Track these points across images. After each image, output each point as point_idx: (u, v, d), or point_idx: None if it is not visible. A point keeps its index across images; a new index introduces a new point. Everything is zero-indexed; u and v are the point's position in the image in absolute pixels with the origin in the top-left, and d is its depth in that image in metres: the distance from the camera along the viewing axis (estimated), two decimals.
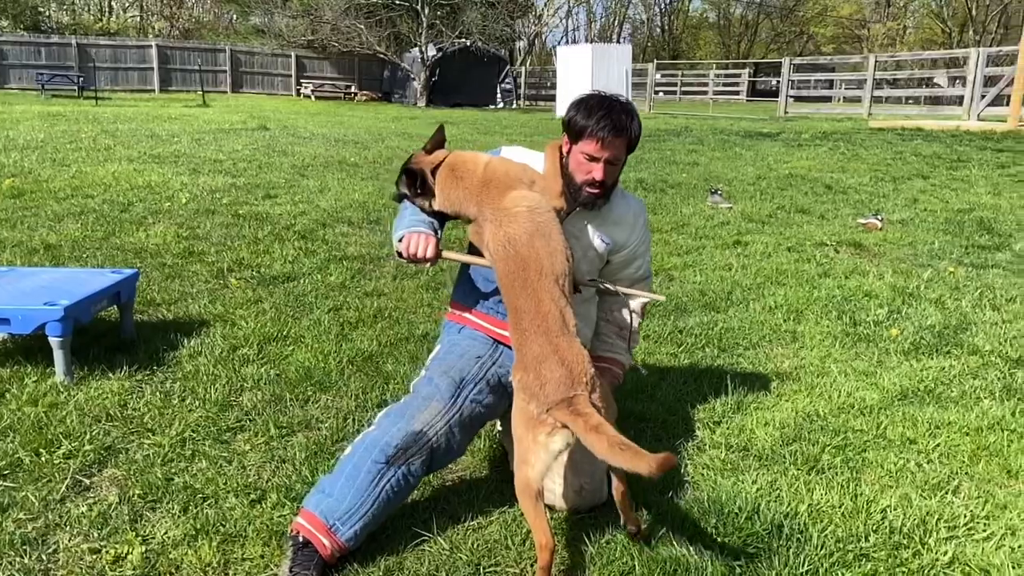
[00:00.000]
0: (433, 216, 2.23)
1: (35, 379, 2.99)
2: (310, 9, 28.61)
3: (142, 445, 2.57)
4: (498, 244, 2.02)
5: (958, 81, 18.85)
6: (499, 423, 2.59)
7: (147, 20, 41.18)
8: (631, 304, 2.46)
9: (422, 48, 27.75)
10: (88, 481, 2.35)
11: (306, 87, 30.06)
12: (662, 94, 31.89)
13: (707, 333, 3.83)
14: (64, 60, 26.50)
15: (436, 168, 2.18)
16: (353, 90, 30.61)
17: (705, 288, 4.60)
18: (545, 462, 1.87)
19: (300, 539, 1.96)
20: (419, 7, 27.64)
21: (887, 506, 2.30)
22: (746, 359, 3.53)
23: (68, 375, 2.99)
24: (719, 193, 7.49)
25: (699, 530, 2.16)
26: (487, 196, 2.09)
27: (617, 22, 61.37)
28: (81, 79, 23.56)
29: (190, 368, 3.18)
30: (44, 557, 2.00)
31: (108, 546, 2.04)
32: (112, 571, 1.96)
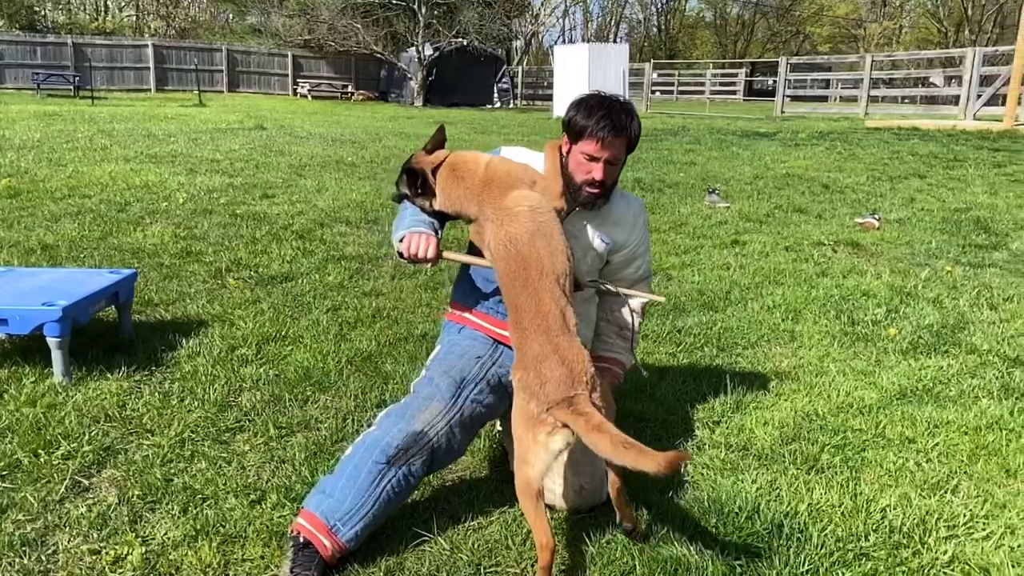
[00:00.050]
0: (433, 216, 2.23)
1: (33, 380, 2.98)
2: (307, 8, 28.57)
3: (141, 446, 2.56)
4: (499, 243, 2.02)
5: (954, 81, 18.92)
6: (499, 423, 2.60)
7: (143, 19, 41.09)
8: (631, 304, 2.46)
9: (419, 48, 27.74)
10: (87, 482, 2.35)
11: (303, 87, 30.03)
12: (659, 94, 31.93)
13: (706, 333, 3.83)
14: (60, 60, 26.45)
15: (437, 168, 2.18)
16: (350, 90, 30.58)
17: (703, 287, 4.61)
18: (545, 461, 1.87)
19: (301, 539, 1.95)
20: (416, 6, 27.63)
21: (887, 505, 2.31)
22: (745, 359, 3.53)
23: (66, 376, 2.98)
24: (716, 192, 7.50)
25: (699, 530, 2.17)
26: (488, 195, 2.09)
27: (614, 22, 61.48)
28: (77, 79, 23.53)
29: (189, 368, 3.17)
30: (44, 558, 2.00)
31: (108, 547, 2.04)
32: (112, 572, 1.96)
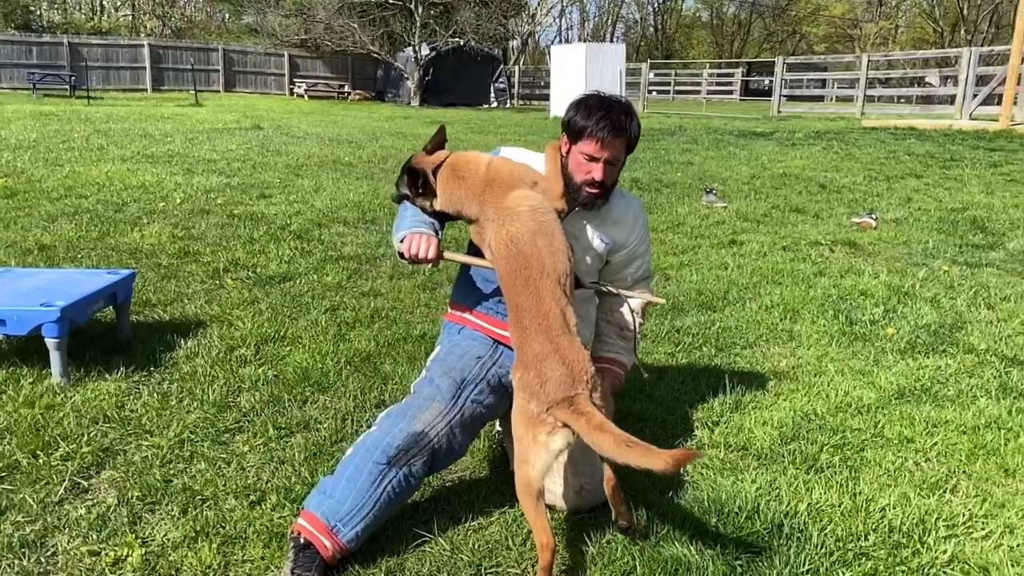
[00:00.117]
0: (433, 217, 2.23)
1: (31, 381, 2.97)
2: (303, 8, 28.53)
3: (140, 447, 2.56)
4: (500, 242, 2.02)
5: (950, 80, 18.97)
6: (498, 424, 2.60)
7: (139, 19, 40.96)
8: (631, 304, 2.46)
9: (416, 47, 27.72)
10: (86, 483, 2.34)
11: (299, 86, 29.99)
12: (655, 93, 31.95)
13: (704, 332, 3.84)
14: (56, 59, 26.37)
15: (438, 168, 2.18)
16: (346, 89, 30.55)
17: (702, 287, 4.61)
18: (545, 461, 1.87)
19: (301, 540, 1.95)
20: (413, 6, 27.60)
21: (886, 505, 2.31)
22: (743, 358, 3.54)
23: (65, 376, 2.97)
24: (714, 192, 7.51)
25: (700, 530, 2.17)
26: (490, 195, 2.09)
27: (610, 21, 61.55)
28: (73, 78, 23.46)
29: (187, 369, 3.17)
30: (43, 560, 1.99)
31: (107, 548, 2.03)
32: (112, 573, 1.95)
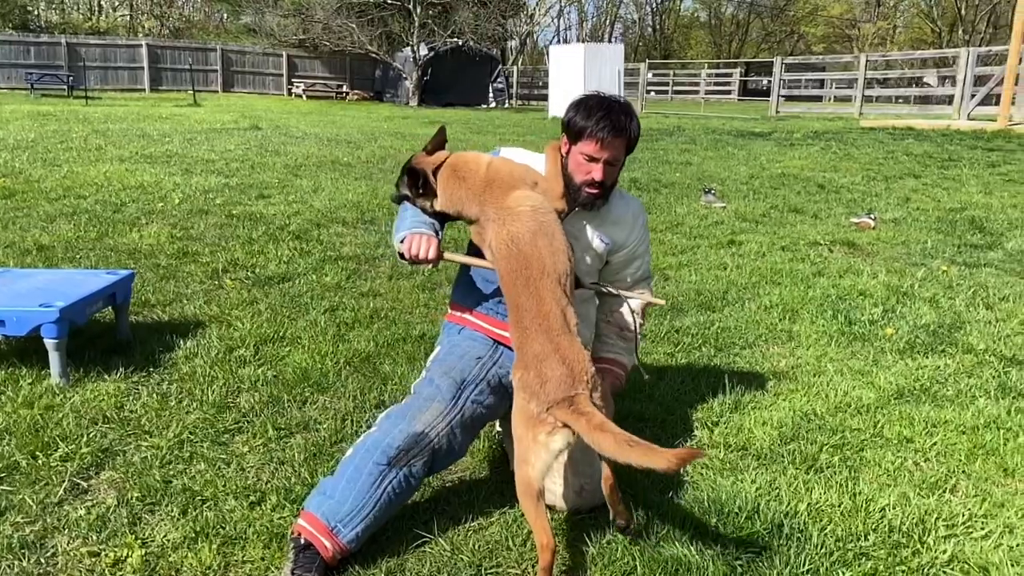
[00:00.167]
0: (434, 217, 2.23)
1: (30, 381, 2.97)
2: (301, 8, 28.51)
3: (140, 447, 2.55)
4: (501, 242, 2.02)
5: (948, 81, 18.97)
6: (498, 424, 2.59)
7: (137, 19, 40.96)
8: (632, 304, 2.46)
9: (414, 47, 27.71)
10: (86, 484, 2.34)
11: (297, 86, 29.96)
12: (654, 93, 31.96)
13: (703, 332, 3.84)
14: (53, 59, 26.32)
15: (438, 168, 2.18)
16: (345, 89, 30.53)
17: (701, 287, 4.62)
18: (545, 461, 1.87)
19: (301, 541, 1.95)
20: (411, 6, 27.58)
21: (886, 505, 2.31)
22: (743, 358, 3.54)
23: (64, 377, 2.97)
24: (713, 192, 7.52)
25: (700, 530, 2.17)
26: (490, 196, 2.09)
27: (608, 21, 61.56)
28: (71, 78, 23.41)
29: (187, 369, 3.16)
30: (43, 561, 1.99)
31: (107, 549, 2.03)
32: (111, 574, 1.95)
